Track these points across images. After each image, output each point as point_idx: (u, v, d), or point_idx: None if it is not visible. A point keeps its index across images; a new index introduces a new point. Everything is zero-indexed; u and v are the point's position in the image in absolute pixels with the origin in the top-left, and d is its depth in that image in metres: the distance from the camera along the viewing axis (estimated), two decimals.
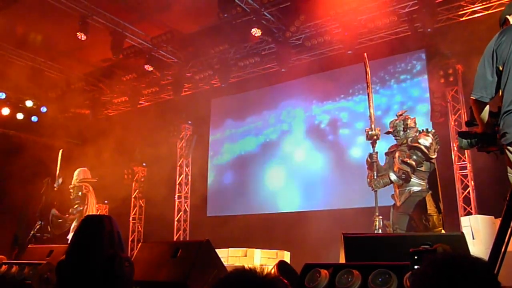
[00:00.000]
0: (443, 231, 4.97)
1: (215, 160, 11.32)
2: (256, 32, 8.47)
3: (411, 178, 5.25)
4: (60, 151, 7.81)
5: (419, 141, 5.24)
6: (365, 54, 5.74)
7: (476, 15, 7.74)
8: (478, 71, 2.77)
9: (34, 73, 10.47)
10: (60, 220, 7.33)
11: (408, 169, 5.20)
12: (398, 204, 5.38)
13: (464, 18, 7.88)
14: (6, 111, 10.93)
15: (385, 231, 5.20)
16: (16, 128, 11.07)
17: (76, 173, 7.70)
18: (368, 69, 5.57)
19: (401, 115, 5.61)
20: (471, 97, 2.79)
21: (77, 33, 8.49)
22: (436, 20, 7.77)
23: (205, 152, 11.42)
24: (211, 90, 10.80)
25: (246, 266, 1.26)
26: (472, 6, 7.73)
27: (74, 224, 7.22)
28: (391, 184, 5.39)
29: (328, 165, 9.35)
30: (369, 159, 5.47)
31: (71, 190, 7.59)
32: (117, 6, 8.69)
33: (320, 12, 8.20)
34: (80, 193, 7.49)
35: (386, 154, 5.74)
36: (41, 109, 11.45)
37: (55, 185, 7.47)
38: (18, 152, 9.59)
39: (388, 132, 5.64)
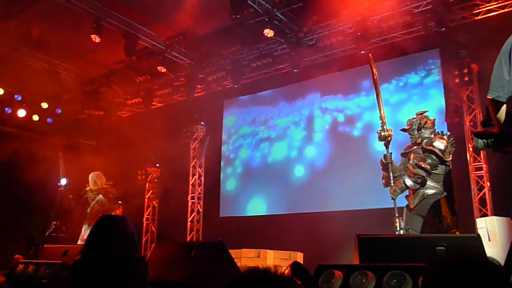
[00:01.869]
0: (457, 233, 4.92)
1: (228, 160, 11.33)
2: (268, 33, 8.46)
3: (426, 181, 5.21)
4: (60, 152, 7.85)
5: (434, 144, 5.18)
6: (370, 55, 5.71)
7: (492, 14, 7.63)
8: (495, 70, 2.73)
9: (49, 75, 10.62)
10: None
11: (424, 174, 5.17)
12: (411, 206, 5.35)
13: (479, 17, 7.78)
14: (22, 113, 11.10)
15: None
16: (32, 129, 11.22)
17: (94, 176, 7.53)
18: (374, 70, 5.51)
19: (421, 114, 5.56)
20: (487, 97, 2.75)
21: (91, 35, 8.59)
22: (451, 19, 7.69)
23: (218, 152, 11.44)
24: (223, 91, 10.83)
25: (260, 266, 1.26)
26: (487, 4, 7.62)
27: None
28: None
29: (343, 166, 9.28)
30: (383, 160, 5.43)
31: (94, 191, 7.47)
32: (130, 8, 8.76)
33: (333, 12, 8.16)
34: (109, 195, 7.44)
35: (402, 155, 5.70)
36: (56, 110, 11.62)
37: (61, 187, 7.49)
38: (33, 154, 9.71)
39: (403, 130, 5.59)
